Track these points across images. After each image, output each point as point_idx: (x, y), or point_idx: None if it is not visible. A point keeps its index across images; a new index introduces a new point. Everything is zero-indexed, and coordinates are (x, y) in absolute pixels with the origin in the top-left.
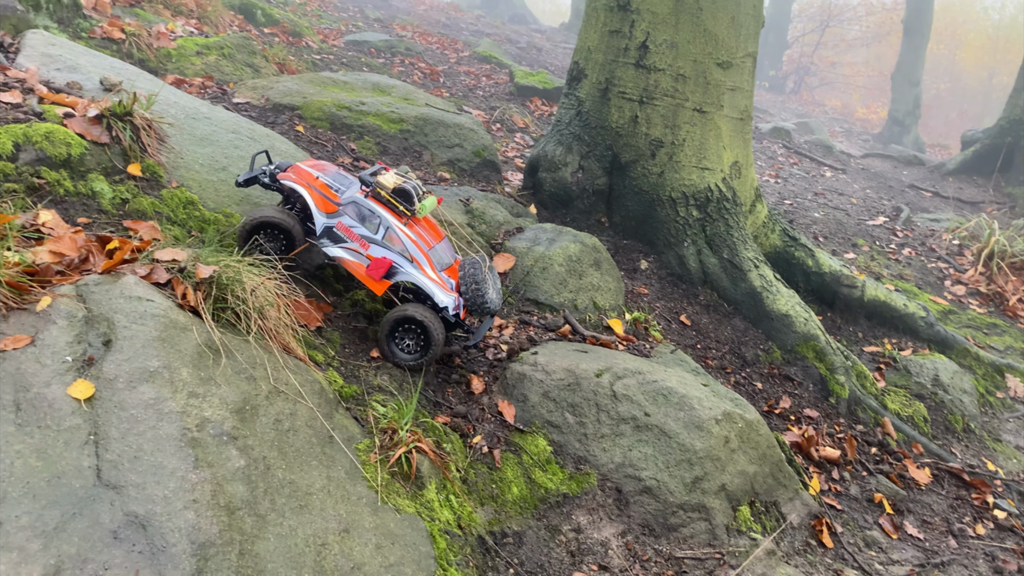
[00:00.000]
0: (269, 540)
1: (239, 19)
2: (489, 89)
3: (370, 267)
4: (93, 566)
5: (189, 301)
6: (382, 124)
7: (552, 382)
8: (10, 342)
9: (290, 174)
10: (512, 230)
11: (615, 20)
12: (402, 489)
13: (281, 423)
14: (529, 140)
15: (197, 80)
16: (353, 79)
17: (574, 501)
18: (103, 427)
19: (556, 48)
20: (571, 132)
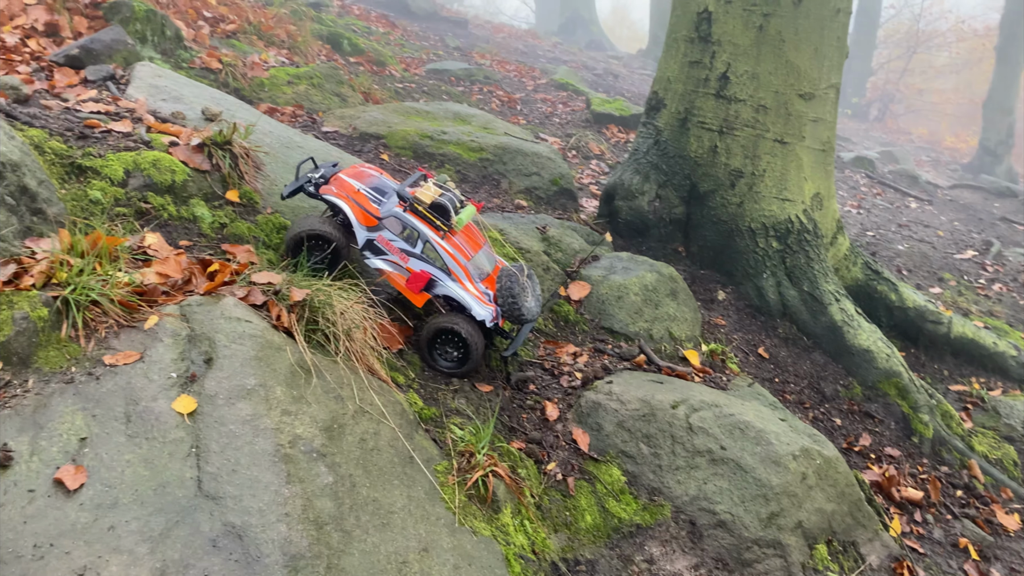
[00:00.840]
0: (354, 556)
1: (327, 49)
2: (565, 116)
3: (409, 280)
4: (194, 572)
5: (283, 322)
6: (462, 153)
7: (627, 412)
8: (121, 357)
9: (331, 187)
10: (588, 258)
11: (695, 51)
12: (478, 512)
13: (366, 442)
14: (605, 167)
15: (288, 109)
16: (435, 108)
17: (647, 532)
18: (204, 441)
19: (633, 75)
20: (648, 161)
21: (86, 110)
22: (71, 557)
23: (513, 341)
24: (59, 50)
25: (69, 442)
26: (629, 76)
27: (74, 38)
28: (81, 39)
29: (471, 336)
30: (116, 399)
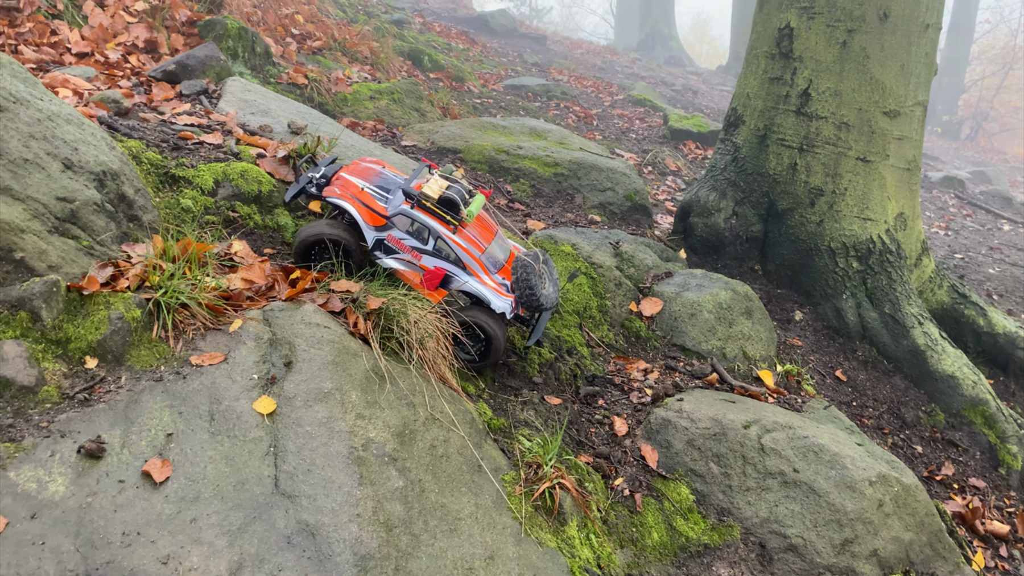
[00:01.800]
0: (422, 559)
1: (408, 65)
2: (642, 132)
3: (425, 278)
4: (269, 567)
5: (359, 329)
6: (537, 168)
7: (697, 430)
8: (207, 358)
9: (334, 188)
10: (661, 274)
11: (776, 67)
12: (544, 523)
13: (435, 449)
14: (681, 183)
15: (369, 123)
16: (512, 124)
17: (715, 552)
18: (282, 441)
19: (712, 91)
20: (726, 178)
21: (181, 123)
22: (156, 546)
23: (534, 330)
24: (157, 66)
25: (157, 437)
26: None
27: (171, 54)
28: (177, 55)
29: (492, 329)
30: (201, 398)
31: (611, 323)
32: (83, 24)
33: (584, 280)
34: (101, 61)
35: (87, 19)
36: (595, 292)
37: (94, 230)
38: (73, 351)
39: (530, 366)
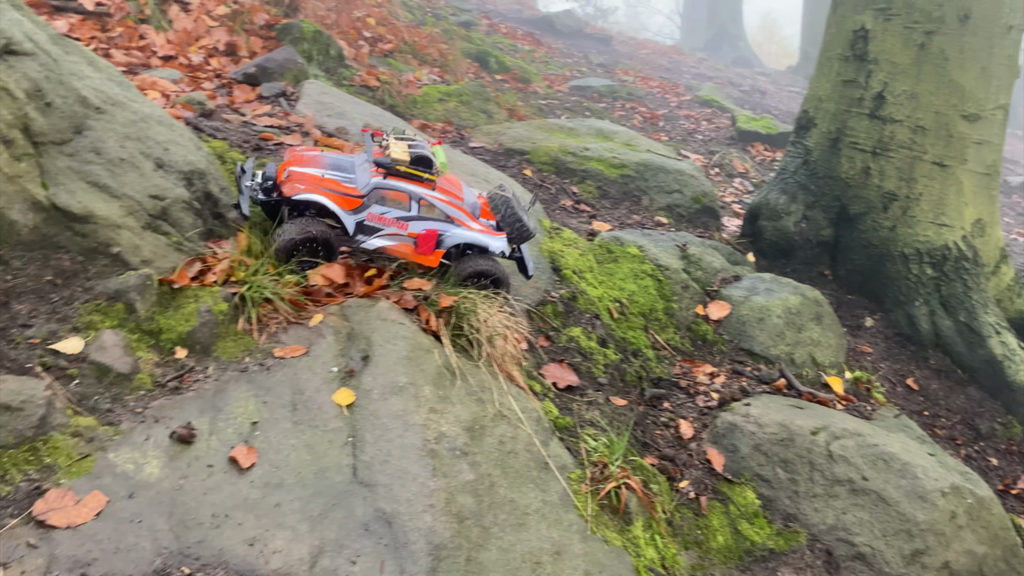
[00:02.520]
0: (491, 552)
1: (475, 67)
2: (709, 133)
3: (419, 244)
4: (347, 552)
5: (431, 326)
6: (604, 169)
7: (764, 435)
8: (289, 351)
9: (294, 185)
10: (729, 278)
11: (850, 70)
12: (610, 522)
13: (504, 445)
14: (748, 186)
15: (439, 125)
16: (578, 125)
17: (780, 558)
18: (359, 431)
19: (781, 92)
20: (796, 181)
21: (261, 124)
22: (243, 528)
23: (526, 263)
24: (238, 68)
25: (243, 425)
26: (777, 94)
27: (250, 57)
28: (256, 58)
29: (500, 271)
30: (284, 389)
31: (677, 326)
32: (168, 28)
33: (650, 282)
34: (185, 64)
35: (172, 23)
36: (661, 295)
37: (183, 226)
38: (164, 341)
39: (595, 367)
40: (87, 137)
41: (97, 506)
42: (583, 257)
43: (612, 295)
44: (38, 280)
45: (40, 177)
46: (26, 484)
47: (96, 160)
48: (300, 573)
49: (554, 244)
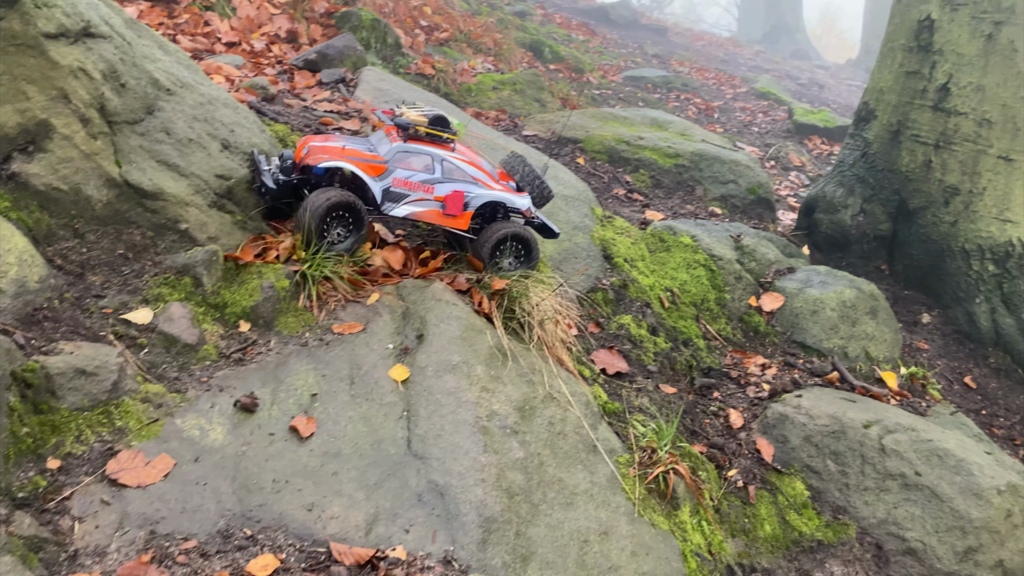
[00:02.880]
0: (540, 527)
1: (529, 56)
2: (765, 126)
3: (447, 206)
4: (401, 521)
5: (483, 308)
6: (658, 158)
7: (815, 427)
8: (347, 328)
9: (320, 155)
10: (783, 270)
11: (913, 61)
12: (657, 506)
13: (553, 426)
14: (804, 179)
15: (492, 113)
16: (632, 114)
17: (829, 549)
18: (414, 406)
19: (840, 85)
20: (854, 174)
21: (321, 109)
22: (302, 494)
23: (548, 225)
24: (298, 55)
25: (302, 396)
26: (836, 87)
27: (310, 44)
28: (317, 45)
29: (529, 234)
30: (342, 363)
31: (729, 316)
32: (232, 15)
33: (703, 272)
34: (248, 50)
35: (235, 11)
36: (714, 285)
37: (247, 205)
38: (229, 315)
39: (645, 355)
40: (158, 118)
41: (165, 468)
42: (635, 246)
43: (663, 284)
44: (111, 253)
45: (114, 155)
46: (99, 445)
47: (166, 140)
48: (356, 539)
49: (606, 232)
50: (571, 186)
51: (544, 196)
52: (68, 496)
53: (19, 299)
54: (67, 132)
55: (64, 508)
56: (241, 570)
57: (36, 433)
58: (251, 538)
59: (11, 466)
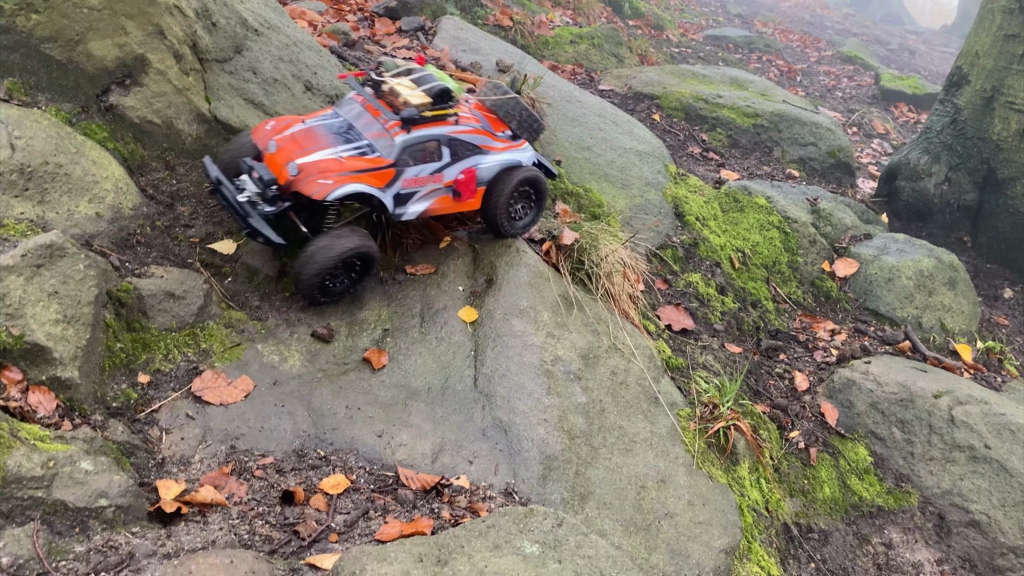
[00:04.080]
0: (599, 469)
1: (608, 11)
2: (849, 91)
3: (462, 191)
4: (465, 452)
5: (552, 258)
6: (736, 118)
7: (883, 393)
8: (420, 269)
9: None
10: (859, 236)
11: (1015, 23)
12: (716, 460)
13: (616, 375)
14: (887, 147)
15: (568, 67)
16: (711, 72)
17: (889, 516)
18: (481, 347)
19: (932, 52)
20: (941, 141)
21: (400, 56)
22: (373, 422)
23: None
24: (379, 2)
25: (376, 331)
26: (928, 54)
27: None
28: None
29: (539, 176)
30: (414, 302)
31: (800, 280)
32: None
33: (776, 234)
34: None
35: None
36: (786, 247)
37: None
38: None
39: (712, 313)
40: (245, 57)
41: (246, 389)
42: (707, 204)
43: (735, 244)
44: (198, 186)
45: (204, 92)
46: (185, 364)
47: (253, 79)
48: (422, 466)
49: (679, 190)
50: (645, 142)
51: (537, 133)
52: (156, 409)
53: (115, 224)
54: (161, 67)
55: (152, 420)
56: (314, 487)
57: (128, 349)
58: (324, 459)
59: (106, 378)
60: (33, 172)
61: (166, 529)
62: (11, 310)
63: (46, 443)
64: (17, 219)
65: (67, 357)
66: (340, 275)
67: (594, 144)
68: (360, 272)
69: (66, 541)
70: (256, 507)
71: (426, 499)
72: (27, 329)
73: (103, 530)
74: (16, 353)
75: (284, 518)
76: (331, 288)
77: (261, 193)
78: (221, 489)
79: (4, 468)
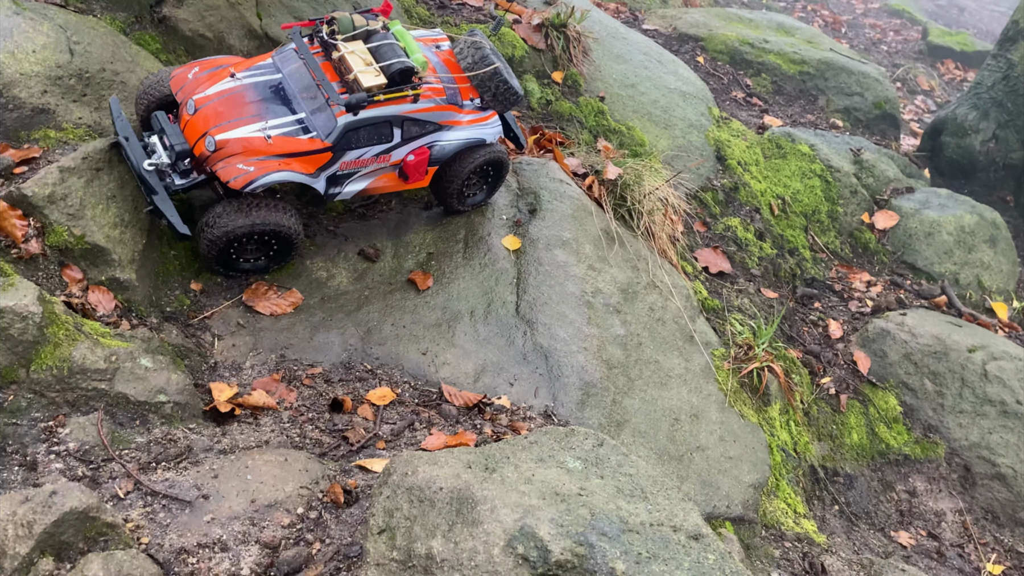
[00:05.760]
0: (635, 400)
1: None
2: (895, 46)
3: (409, 175)
4: (507, 375)
5: (594, 192)
6: (782, 63)
7: (917, 345)
8: None
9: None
10: (901, 189)
11: None
12: (748, 400)
13: (653, 312)
14: (931, 104)
15: (612, 4)
16: (758, 17)
17: (915, 465)
18: (523, 275)
19: (983, 9)
20: (991, 97)
21: None
22: (418, 340)
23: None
24: None
25: (420, 254)
26: (978, 11)
27: None
28: None
29: (502, 152)
30: (458, 228)
31: (839, 230)
32: None
33: (817, 183)
34: None
35: None
36: (827, 197)
37: None
38: None
39: (749, 258)
40: None
41: (295, 301)
42: (750, 150)
43: (775, 191)
44: None
45: (255, 7)
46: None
47: None
48: (465, 384)
49: (721, 133)
50: (689, 83)
51: (509, 103)
52: (209, 316)
53: None
54: None
55: (205, 326)
56: (361, 398)
57: (183, 257)
58: (370, 371)
59: (160, 283)
60: (91, 78)
61: (220, 428)
62: (72, 211)
63: (107, 339)
64: (76, 123)
65: (125, 259)
66: (251, 250)
67: (638, 82)
68: (277, 253)
69: (128, 432)
70: (306, 413)
71: (468, 415)
72: (87, 230)
73: (162, 424)
74: (77, 253)
75: (333, 424)
76: (236, 262)
77: (171, 164)
78: (272, 394)
79: (70, 359)
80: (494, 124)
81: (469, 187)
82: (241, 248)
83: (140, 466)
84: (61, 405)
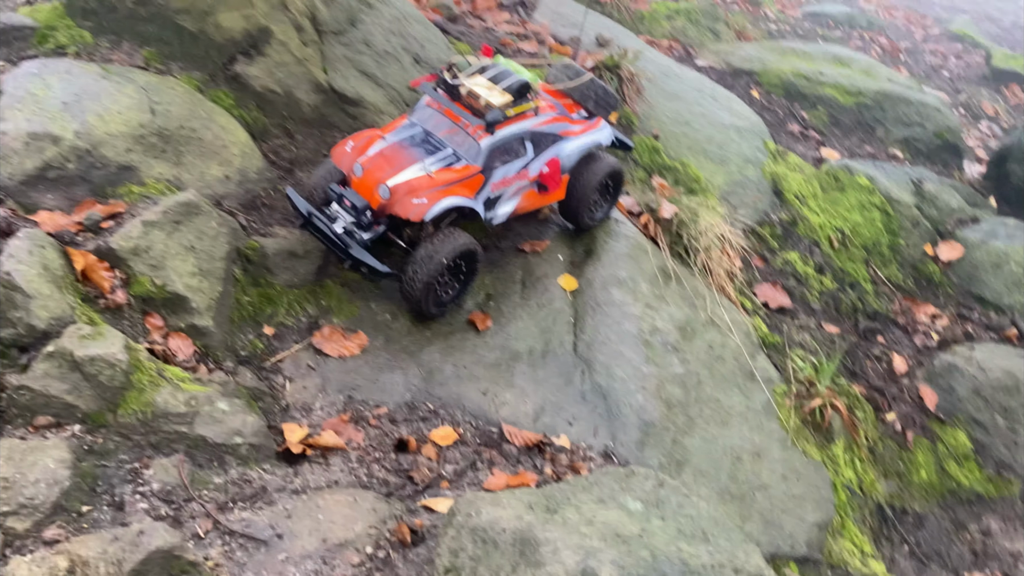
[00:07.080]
0: (695, 439)
1: None
2: (957, 71)
3: (547, 187)
4: (565, 414)
5: (650, 231)
6: (838, 96)
7: (986, 380)
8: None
9: (414, 200)
10: (966, 219)
11: None
12: (811, 437)
13: (712, 349)
14: (996, 130)
15: (665, 42)
16: (813, 49)
17: (987, 504)
18: (581, 314)
19: None
20: None
21: (501, 30)
22: (478, 380)
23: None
24: None
25: (479, 295)
26: None
27: None
28: None
29: (617, 164)
30: (515, 269)
31: (901, 263)
32: None
33: (877, 215)
34: None
35: None
36: (888, 229)
37: None
38: None
39: (810, 292)
40: (359, 29)
41: (361, 343)
42: (807, 183)
43: (834, 224)
44: (315, 153)
45: (322, 63)
46: (306, 319)
47: (366, 51)
48: (524, 423)
49: (777, 168)
50: (744, 118)
51: (613, 106)
52: (281, 359)
53: (242, 186)
54: (283, 38)
55: (277, 369)
56: (425, 437)
57: (255, 303)
58: (433, 412)
59: (235, 328)
60: (171, 136)
61: (293, 468)
62: (155, 261)
63: (187, 384)
64: (157, 179)
65: (203, 307)
66: (448, 282)
67: (692, 119)
68: (466, 274)
69: (206, 473)
70: (373, 453)
71: (528, 455)
72: (168, 280)
73: (238, 465)
74: (159, 301)
75: (399, 464)
76: (441, 297)
77: (356, 220)
78: (340, 435)
79: (153, 404)
80: (604, 128)
81: (595, 200)
82: (441, 283)
83: (218, 506)
84: (145, 448)
